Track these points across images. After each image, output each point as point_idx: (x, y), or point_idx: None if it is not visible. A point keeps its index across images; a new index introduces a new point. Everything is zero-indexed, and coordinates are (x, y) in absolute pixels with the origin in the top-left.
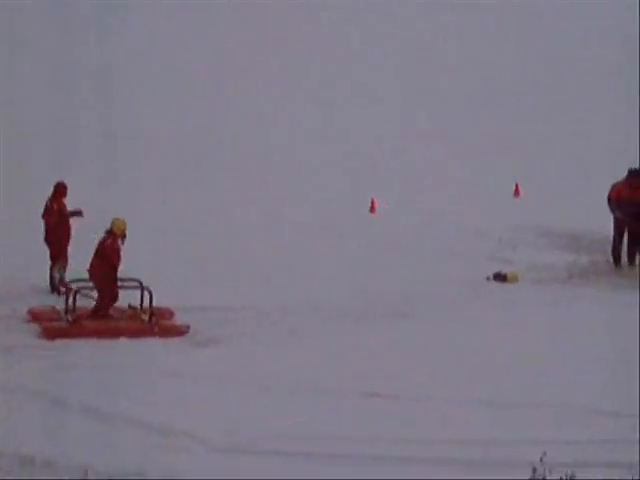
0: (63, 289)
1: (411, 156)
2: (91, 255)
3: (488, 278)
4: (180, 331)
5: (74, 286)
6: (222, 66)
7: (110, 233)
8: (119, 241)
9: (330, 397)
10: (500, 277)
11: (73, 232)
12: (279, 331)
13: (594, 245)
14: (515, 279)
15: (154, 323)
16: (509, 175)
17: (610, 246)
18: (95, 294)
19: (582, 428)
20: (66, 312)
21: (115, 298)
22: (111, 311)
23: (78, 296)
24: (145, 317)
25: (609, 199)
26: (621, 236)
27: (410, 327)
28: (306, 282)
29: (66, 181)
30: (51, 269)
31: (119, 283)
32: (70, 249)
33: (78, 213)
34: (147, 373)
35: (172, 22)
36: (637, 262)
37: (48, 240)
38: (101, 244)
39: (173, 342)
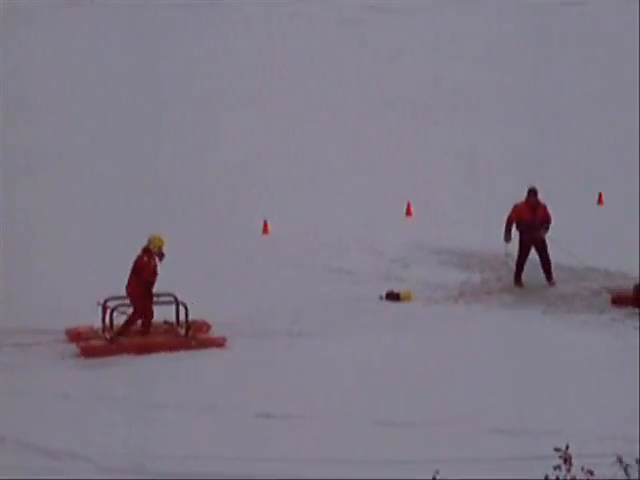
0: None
1: (303, 174)
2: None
3: (381, 297)
4: (217, 343)
5: (112, 304)
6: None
7: (146, 250)
8: (156, 258)
9: (223, 417)
10: (393, 296)
11: None
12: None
13: (485, 263)
14: (408, 298)
15: (190, 337)
16: (401, 194)
17: (503, 265)
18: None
19: (479, 446)
20: (103, 330)
21: (151, 314)
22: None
23: (116, 314)
24: (182, 331)
25: (508, 220)
26: (524, 257)
27: (303, 346)
28: (198, 300)
29: None
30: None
31: (155, 299)
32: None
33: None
34: (35, 394)
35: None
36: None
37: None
38: (137, 262)
39: (64, 363)
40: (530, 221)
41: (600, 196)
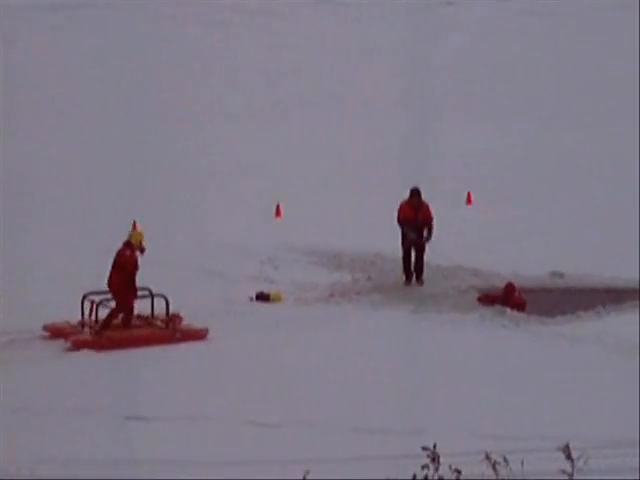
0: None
1: (175, 177)
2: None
3: (251, 298)
4: (200, 335)
5: (96, 299)
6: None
7: (128, 244)
8: (137, 252)
9: (92, 420)
10: (263, 297)
11: None
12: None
13: (355, 264)
14: (278, 299)
15: (171, 329)
16: (270, 194)
17: (372, 265)
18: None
19: (348, 446)
20: (82, 325)
21: (133, 308)
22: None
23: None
24: (161, 324)
25: (398, 219)
26: (410, 254)
27: (173, 348)
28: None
29: None
30: None
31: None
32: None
33: None
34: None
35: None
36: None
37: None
38: (119, 256)
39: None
40: (413, 220)
41: (469, 195)
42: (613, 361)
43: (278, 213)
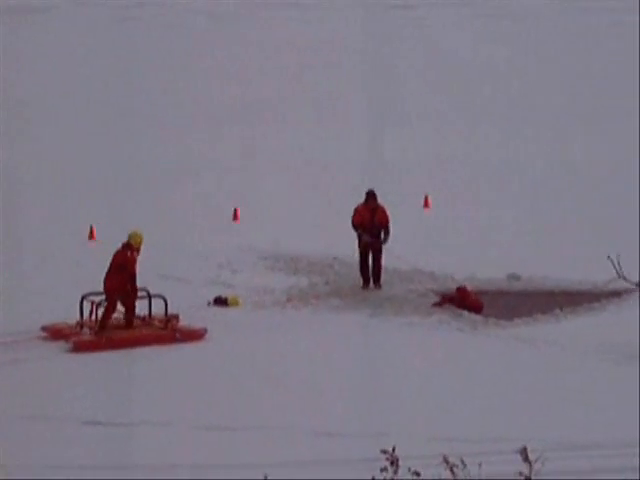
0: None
1: (131, 179)
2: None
3: (209, 303)
4: (199, 335)
5: (95, 299)
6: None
7: (127, 246)
8: (135, 253)
9: (49, 426)
10: (221, 301)
11: None
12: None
13: (313, 267)
14: (236, 303)
15: (170, 329)
16: (228, 198)
17: (330, 269)
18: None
19: (307, 450)
20: (81, 326)
21: (135, 308)
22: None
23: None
24: (159, 324)
25: (353, 222)
26: (367, 258)
27: (128, 353)
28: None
29: None
30: None
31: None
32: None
33: None
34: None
35: None
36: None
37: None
38: (118, 257)
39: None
40: (369, 224)
41: (426, 199)
42: (570, 363)
43: (236, 217)
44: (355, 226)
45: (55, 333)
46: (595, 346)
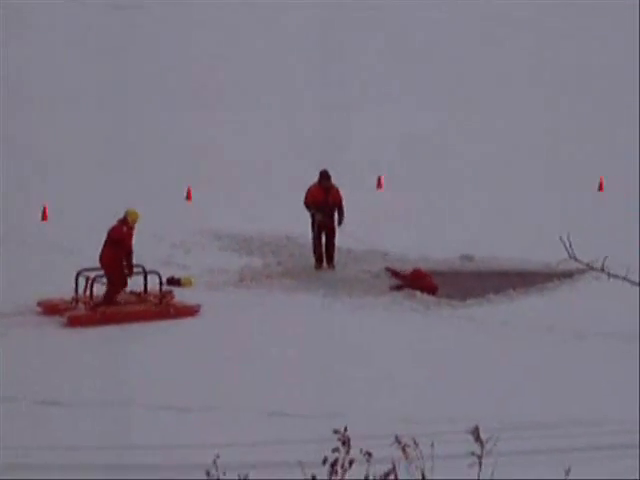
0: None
1: (82, 158)
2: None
3: (162, 283)
4: (192, 311)
5: (91, 275)
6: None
7: (124, 221)
8: (131, 229)
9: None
10: (174, 282)
11: None
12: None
13: (266, 247)
14: (189, 283)
15: (165, 305)
16: (181, 178)
17: (283, 249)
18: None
19: (259, 430)
20: (76, 301)
21: (125, 284)
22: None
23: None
24: (154, 300)
25: (305, 202)
26: (320, 238)
27: (79, 334)
28: None
29: None
30: None
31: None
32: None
33: None
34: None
35: None
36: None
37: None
38: (114, 232)
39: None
40: (323, 203)
41: (379, 180)
42: (523, 343)
43: (189, 197)
44: (308, 206)
45: (50, 309)
46: (547, 326)
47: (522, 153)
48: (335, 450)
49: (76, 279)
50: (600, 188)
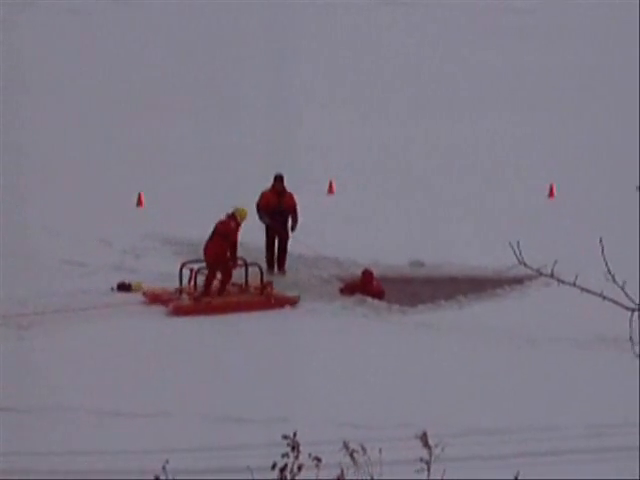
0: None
1: (30, 162)
2: None
3: (112, 288)
4: (293, 301)
5: (195, 267)
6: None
7: (232, 217)
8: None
9: None
10: (125, 287)
11: None
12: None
13: None
14: (140, 289)
15: (266, 295)
16: (133, 184)
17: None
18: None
19: (208, 435)
20: (180, 292)
21: (231, 276)
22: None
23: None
24: (255, 291)
25: (258, 206)
26: (273, 243)
27: (32, 339)
28: None
29: None
30: None
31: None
32: None
33: None
34: None
35: None
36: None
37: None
38: (223, 226)
39: None
40: (276, 207)
41: (330, 184)
42: (473, 349)
43: (140, 202)
44: (259, 210)
45: (154, 298)
46: (498, 332)
47: (472, 159)
48: (284, 455)
49: (180, 271)
50: (550, 195)
